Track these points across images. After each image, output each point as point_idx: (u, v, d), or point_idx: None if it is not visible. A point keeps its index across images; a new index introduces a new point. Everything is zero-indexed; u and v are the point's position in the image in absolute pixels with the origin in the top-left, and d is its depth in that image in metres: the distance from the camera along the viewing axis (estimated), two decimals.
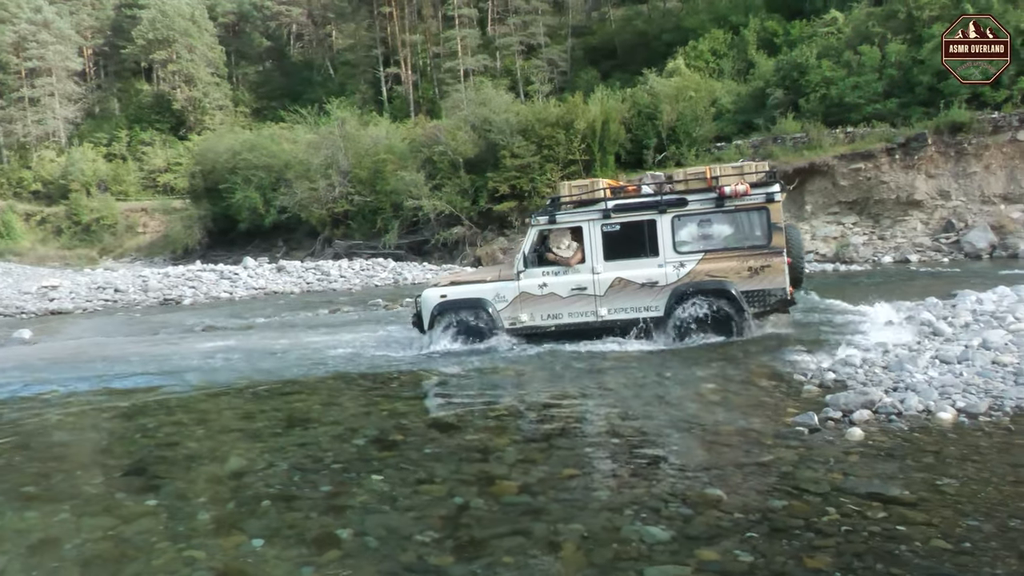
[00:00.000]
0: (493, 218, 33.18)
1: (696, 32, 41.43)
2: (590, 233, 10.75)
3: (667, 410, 7.34)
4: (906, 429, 6.20)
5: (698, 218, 10.54)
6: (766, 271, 10.35)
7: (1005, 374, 7.47)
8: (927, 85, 28.88)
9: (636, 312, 10.67)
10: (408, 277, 26.98)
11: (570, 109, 32.74)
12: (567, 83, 47.21)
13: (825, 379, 8.01)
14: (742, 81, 36.05)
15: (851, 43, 32.22)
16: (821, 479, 5.21)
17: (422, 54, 54.90)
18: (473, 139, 33.81)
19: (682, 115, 32.44)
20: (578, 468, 5.77)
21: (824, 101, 30.86)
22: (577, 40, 51.92)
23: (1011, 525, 4.38)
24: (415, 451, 6.44)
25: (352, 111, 41.74)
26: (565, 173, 32.10)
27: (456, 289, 11.30)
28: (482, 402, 8.16)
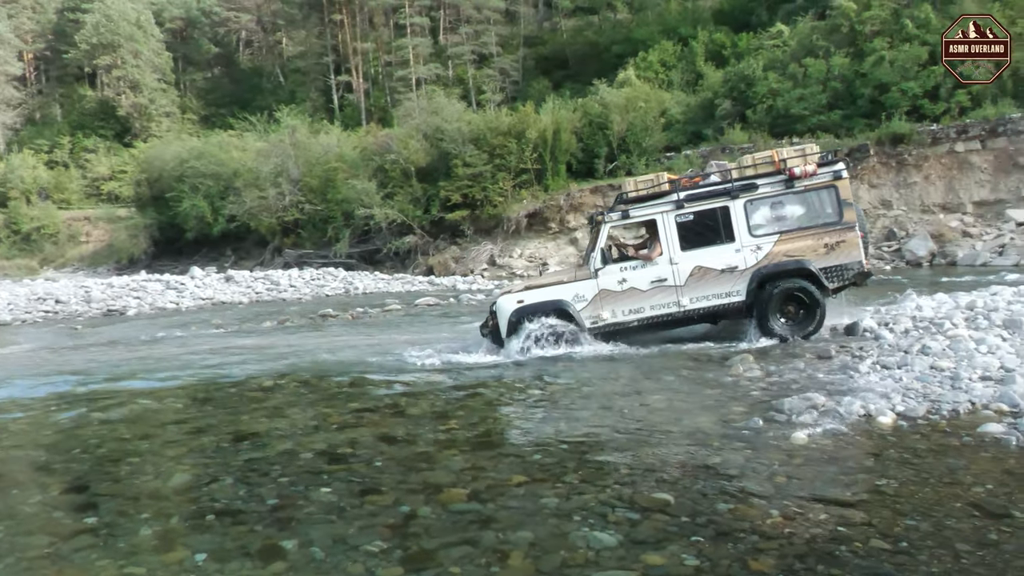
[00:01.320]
0: (445, 227, 33.16)
1: (646, 43, 42.00)
2: (665, 224, 10.79)
3: (615, 416, 7.39)
4: (848, 432, 6.33)
5: (770, 201, 10.67)
6: (841, 246, 10.53)
7: (942, 379, 7.68)
8: (869, 97, 29.67)
9: (718, 299, 10.70)
10: (359, 287, 26.77)
11: (522, 118, 32.91)
12: (519, 92, 47.46)
13: (771, 384, 8.15)
14: (691, 92, 36.64)
15: (796, 56, 32.95)
16: (765, 482, 5.29)
17: (374, 62, 54.68)
18: (425, 148, 33.78)
19: (632, 125, 32.82)
20: (527, 475, 5.77)
21: (770, 112, 31.50)
22: (529, 50, 52.23)
23: (946, 524, 4.49)
24: (363, 463, 6.38)
25: (303, 119, 41.41)
26: (517, 182, 32.26)
27: (533, 293, 11.08)
28: (432, 413, 8.12)
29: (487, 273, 30.78)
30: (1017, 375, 7.38)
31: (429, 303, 20.32)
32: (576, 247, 31.78)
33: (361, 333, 15.18)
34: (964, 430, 6.22)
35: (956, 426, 6.37)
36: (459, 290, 23.85)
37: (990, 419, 6.40)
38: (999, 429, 6.10)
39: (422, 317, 17.71)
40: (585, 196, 32.14)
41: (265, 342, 14.43)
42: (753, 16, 42.31)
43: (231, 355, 12.96)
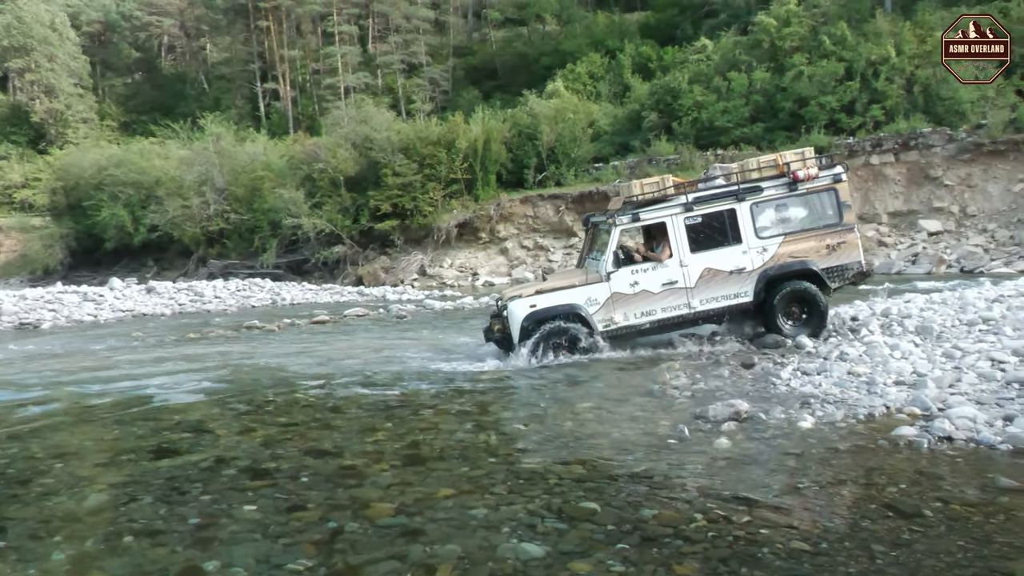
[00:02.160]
0: (375, 237, 32.87)
1: (574, 55, 42.45)
2: (674, 227, 10.87)
3: (545, 426, 7.42)
4: (769, 437, 6.49)
5: (774, 203, 10.90)
6: (842, 247, 10.87)
7: (859, 384, 7.94)
8: (789, 111, 30.56)
9: (727, 300, 10.86)
10: (287, 297, 26.30)
11: (452, 128, 32.89)
12: (449, 102, 47.43)
13: (696, 392, 8.30)
14: (618, 104, 37.15)
15: (720, 70, 33.73)
16: (690, 487, 5.39)
17: (301, 70, 53.98)
18: (354, 157, 33.44)
19: (561, 136, 33.10)
20: (455, 488, 5.75)
21: (695, 124, 32.16)
22: (458, 60, 52.28)
23: (863, 525, 4.64)
24: (289, 479, 6.26)
25: (228, 126, 40.53)
26: (447, 192, 32.21)
27: (546, 297, 10.93)
28: (360, 426, 8.03)
29: (417, 283, 30.62)
30: (929, 380, 7.68)
31: (359, 314, 20.10)
32: (506, 257, 31.88)
33: (289, 344, 14.93)
34: (879, 433, 6.43)
35: (872, 429, 6.59)
36: (389, 300, 23.66)
37: (904, 422, 6.64)
38: (912, 432, 6.33)
39: (352, 327, 17.51)
40: (515, 206, 32.27)
41: (188, 353, 14.06)
42: (678, 30, 43.20)
43: (150, 367, 12.58)
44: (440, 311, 19.97)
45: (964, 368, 8.11)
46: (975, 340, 9.33)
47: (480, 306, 20.49)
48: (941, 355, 8.78)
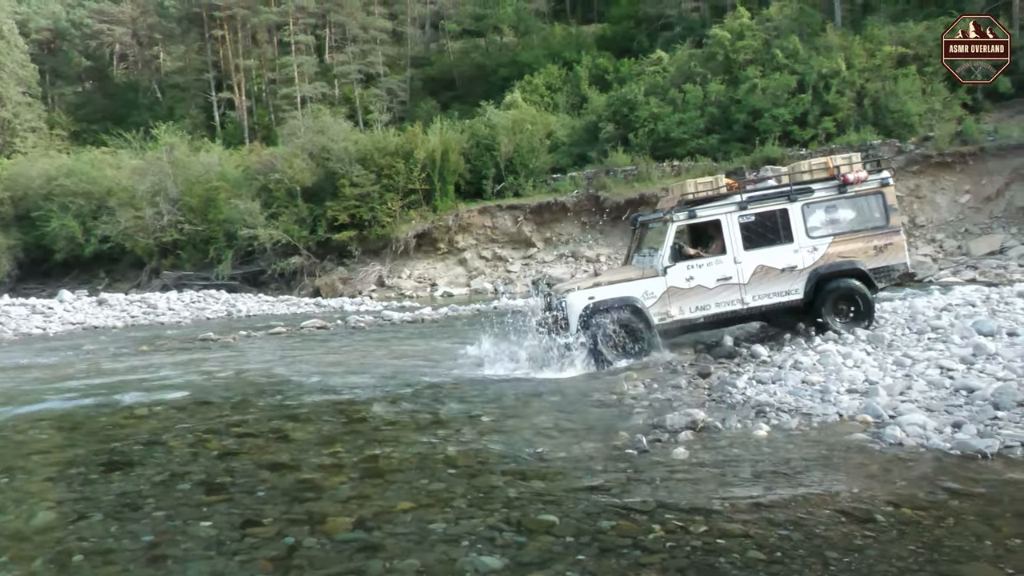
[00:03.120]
0: (332, 248, 32.64)
1: (532, 67, 42.66)
2: (729, 225, 11.07)
3: (504, 439, 7.41)
4: (726, 446, 6.56)
5: (824, 204, 11.17)
6: (889, 248, 11.18)
7: (813, 392, 8.07)
8: (743, 123, 31.04)
9: (779, 297, 11.06)
10: (243, 309, 25.96)
11: (410, 139, 32.84)
12: (407, 113, 47.33)
13: (653, 402, 8.36)
14: (576, 115, 37.41)
15: (675, 82, 34.15)
16: (648, 498, 5.42)
17: (257, 80, 53.46)
18: (311, 167, 33.20)
19: (519, 147, 33.23)
20: (414, 501, 5.71)
21: (652, 136, 32.52)
22: (416, 70, 52.21)
23: (816, 532, 4.70)
24: (245, 493, 6.17)
25: (182, 136, 39.94)
26: (405, 202, 32.13)
27: (604, 290, 11.00)
28: (318, 438, 7.94)
29: (375, 294, 30.44)
30: (880, 388, 7.83)
31: (316, 325, 19.91)
32: (465, 267, 31.84)
33: (245, 356, 14.72)
34: (833, 440, 6.54)
35: (826, 437, 6.70)
36: (347, 312, 23.46)
37: (856, 429, 6.76)
38: (864, 439, 6.45)
39: (309, 339, 17.33)
40: (474, 217, 32.29)
41: (140, 365, 13.80)
42: (634, 42, 43.64)
43: (102, 380, 12.32)
44: (399, 322, 19.87)
45: (914, 376, 8.29)
46: (925, 348, 9.55)
47: (439, 316, 20.43)
48: (892, 363, 8.97)
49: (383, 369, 12.09)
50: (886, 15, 34.72)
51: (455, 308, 22.09)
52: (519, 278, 30.25)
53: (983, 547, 4.40)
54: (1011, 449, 5.96)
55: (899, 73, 30.58)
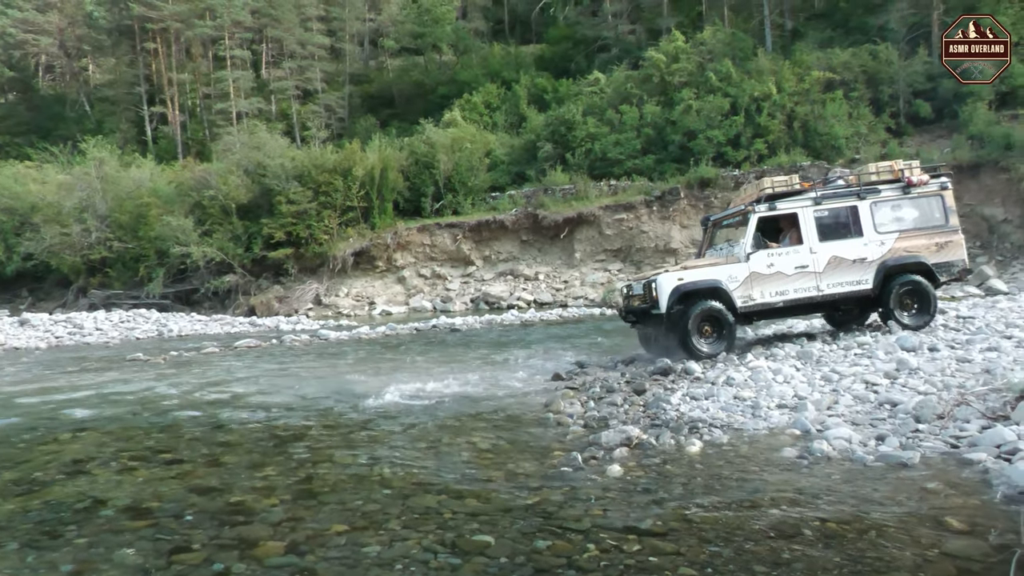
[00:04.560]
0: (268, 266, 32.15)
1: (471, 86, 42.88)
2: (805, 218, 11.93)
3: (439, 459, 7.37)
4: (660, 463, 6.64)
5: (890, 203, 12.09)
6: (949, 246, 12.12)
7: (744, 408, 8.23)
8: (679, 143, 31.65)
9: (850, 286, 11.88)
10: (174, 329, 25.36)
11: (348, 156, 32.63)
12: (345, 130, 47.06)
13: (590, 419, 8.41)
14: (514, 134, 37.68)
15: (612, 103, 34.69)
16: (582, 517, 5.44)
17: (191, 94, 52.54)
18: (247, 184, 32.72)
19: (458, 165, 33.31)
20: (348, 523, 5.63)
21: (589, 155, 32.93)
22: (355, 87, 51.97)
23: (746, 547, 4.78)
24: (172, 518, 6.00)
25: (112, 151, 38.96)
26: (343, 220, 31.87)
27: (691, 273, 11.65)
28: (249, 460, 7.78)
29: (312, 313, 30.06)
30: (808, 402, 8.03)
31: (250, 345, 19.56)
32: (404, 285, 31.66)
33: (175, 377, 14.37)
34: (763, 455, 6.67)
35: (756, 451, 6.83)
36: (282, 331, 23.12)
37: (785, 444, 6.91)
38: (793, 453, 6.60)
39: (243, 359, 17.01)
40: (412, 234, 32.19)
41: (63, 386, 13.35)
42: (572, 63, 44.22)
43: (21, 402, 11.87)
44: (336, 341, 19.64)
45: (841, 391, 8.52)
46: (851, 364, 9.83)
47: (377, 336, 20.27)
48: (820, 378, 9.20)
49: (318, 389, 11.93)
50: (814, 41, 35.87)
51: (393, 327, 21.95)
52: (458, 296, 30.22)
53: (904, 558, 4.53)
54: (931, 460, 6.16)
55: (827, 97, 31.62)
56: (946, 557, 4.49)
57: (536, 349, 15.63)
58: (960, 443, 6.43)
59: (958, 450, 6.26)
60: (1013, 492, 5.24)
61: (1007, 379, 7.88)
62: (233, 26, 50.29)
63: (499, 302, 28.96)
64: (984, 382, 8.11)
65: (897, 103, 32.61)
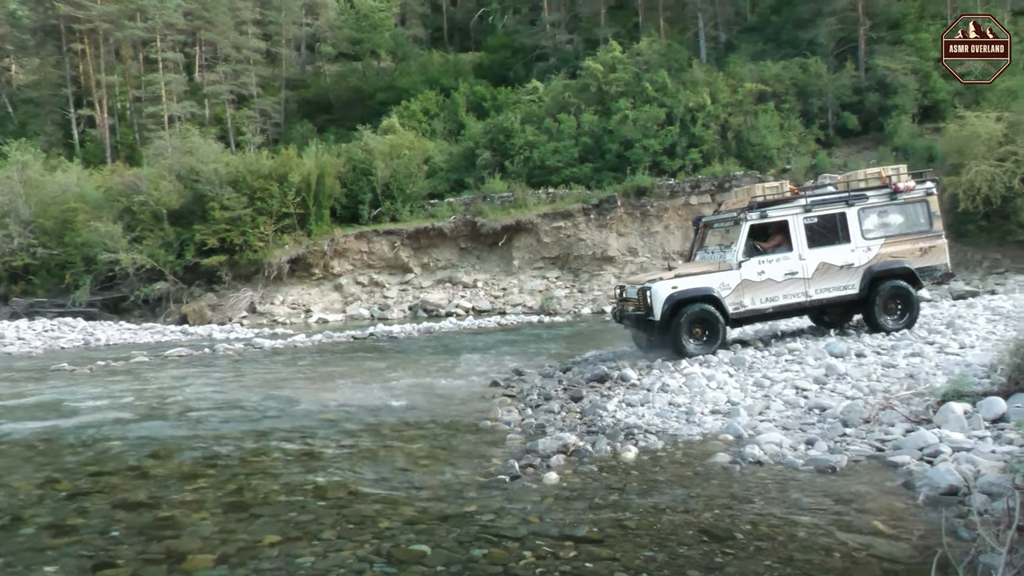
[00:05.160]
0: (201, 273, 31.40)
1: (409, 92, 42.66)
2: (795, 225, 12.18)
3: (375, 468, 7.30)
4: (596, 470, 6.68)
5: (877, 210, 12.43)
6: (932, 251, 12.52)
7: (679, 414, 8.34)
8: (616, 152, 32.00)
9: (838, 291, 12.22)
10: (102, 338, 24.58)
11: (284, 162, 32.10)
12: (281, 135, 46.37)
13: (528, 427, 8.43)
14: (453, 141, 37.61)
15: (550, 111, 34.89)
16: (519, 524, 5.44)
17: (120, 97, 51.14)
18: (179, 189, 31.93)
19: (397, 172, 33.09)
20: (281, 534, 5.54)
21: (528, 163, 33.05)
22: (291, 92, 51.25)
23: (680, 552, 4.84)
24: (97, 534, 5.82)
25: (35, 154, 37.64)
26: (279, 227, 31.37)
27: (685, 280, 11.95)
28: (180, 473, 7.59)
29: (247, 321, 29.50)
30: (741, 408, 8.18)
31: (181, 354, 19.09)
32: (341, 293, 31.32)
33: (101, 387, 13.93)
34: (697, 460, 6.78)
35: (690, 457, 6.93)
36: (216, 339, 22.62)
37: (718, 449, 7.03)
38: (726, 458, 6.71)
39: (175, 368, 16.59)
40: (350, 242, 31.87)
41: None
42: (511, 72, 44.37)
43: None
44: (271, 350, 19.31)
45: (772, 396, 8.71)
46: (782, 370, 10.06)
47: (313, 344, 19.99)
48: (752, 384, 9.39)
49: (252, 398, 11.70)
50: (747, 54, 36.68)
51: (330, 335, 21.67)
52: (396, 304, 30.03)
53: (832, 561, 4.64)
54: (858, 463, 6.33)
55: (759, 109, 32.34)
56: (872, 559, 4.62)
57: (474, 357, 15.60)
58: (885, 446, 6.62)
59: (883, 453, 6.45)
60: (934, 494, 5.42)
61: (929, 384, 8.16)
62: (165, 28, 49.13)
63: (437, 310, 28.83)
64: (908, 387, 8.38)
65: (826, 115, 33.51)
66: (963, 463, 5.75)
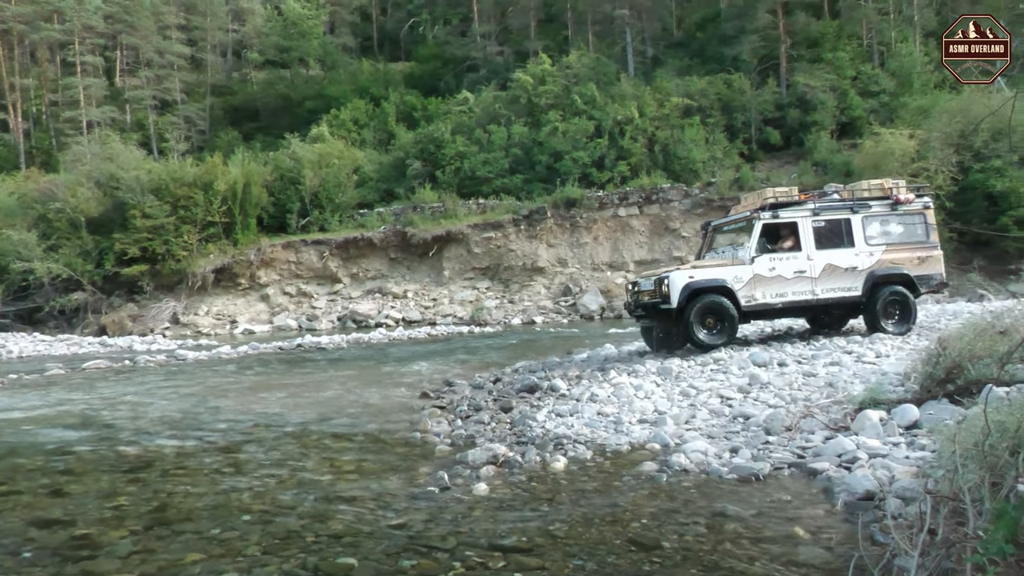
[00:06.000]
0: (121, 283, 30.52)
1: (339, 101, 42.32)
2: (804, 227, 12.99)
3: (302, 482, 7.18)
4: (525, 480, 6.70)
5: (880, 218, 13.29)
6: (929, 260, 13.39)
7: (607, 423, 8.43)
8: (546, 164, 32.29)
9: (842, 292, 13.01)
10: (14, 350, 23.63)
11: (209, 169, 31.49)
12: (206, 142, 45.41)
13: (457, 438, 8.41)
14: (383, 151, 37.43)
15: (481, 122, 35.04)
16: (448, 535, 5.42)
17: (36, 101, 49.42)
18: (98, 197, 31.00)
19: (326, 181, 32.77)
20: (204, 552, 5.39)
21: (458, 174, 33.12)
22: (217, 99, 50.26)
23: (608, 561, 4.88)
24: (8, 555, 5.57)
25: None
26: (204, 236, 30.71)
27: (701, 272, 12.63)
28: (98, 490, 7.33)
29: (169, 333, 28.73)
30: (668, 417, 8.31)
31: (100, 366, 18.48)
32: (268, 303, 30.78)
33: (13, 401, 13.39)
34: (625, 470, 6.84)
35: (619, 466, 7.00)
36: (136, 351, 21.97)
37: (646, 458, 7.11)
38: (653, 467, 6.80)
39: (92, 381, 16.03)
40: (277, 251, 31.37)
41: None
42: (441, 82, 44.42)
43: None
44: (194, 362, 18.83)
45: (698, 405, 8.88)
46: (708, 379, 10.26)
47: (239, 355, 19.58)
48: (679, 393, 9.56)
49: (174, 412, 11.39)
50: (673, 69, 37.47)
51: (256, 346, 21.27)
52: (324, 314, 29.64)
53: (754, 568, 4.74)
54: (780, 471, 6.49)
55: (685, 123, 33.05)
56: (793, 566, 4.73)
57: (404, 368, 15.50)
58: (806, 454, 6.80)
59: (804, 460, 6.62)
60: (852, 499, 5.59)
61: (847, 392, 8.43)
62: (84, 31, 47.69)
63: (367, 320, 28.57)
64: (827, 395, 8.64)
65: (749, 130, 34.46)
66: (879, 469, 5.95)
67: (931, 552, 3.75)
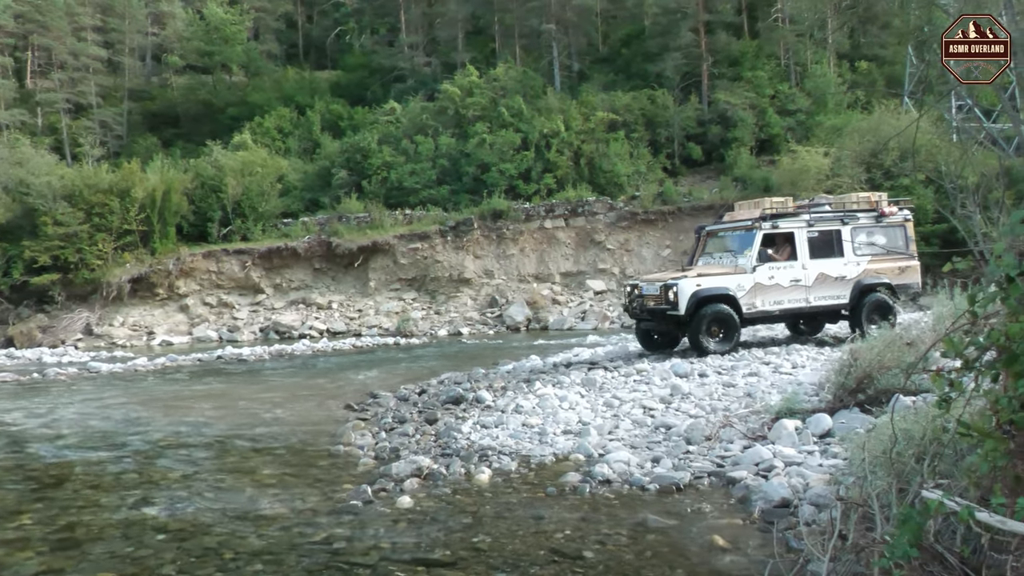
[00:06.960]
0: (30, 292, 29.26)
1: (263, 108, 41.52)
2: (800, 237, 13.58)
3: (220, 498, 7.01)
4: (450, 492, 6.68)
5: (866, 230, 14.00)
6: (908, 270, 14.19)
7: (532, 435, 8.47)
8: (473, 175, 32.33)
9: (832, 300, 13.66)
10: None
11: (126, 176, 30.47)
12: (123, 148, 43.97)
13: (381, 451, 8.33)
14: (308, 160, 36.89)
15: (408, 133, 34.87)
16: (371, 550, 5.36)
17: None
18: (6, 203, 29.69)
19: (248, 189, 32.10)
20: (116, 572, 5.22)
21: (385, 184, 32.87)
22: (135, 104, 48.76)
23: (531, 572, 4.90)
24: None
25: None
26: (120, 244, 29.74)
27: (706, 280, 13.00)
28: (0, 510, 7.01)
29: (82, 344, 27.68)
30: (591, 428, 8.40)
31: (6, 379, 17.69)
32: (187, 314, 29.96)
33: None
34: (549, 481, 6.88)
35: (543, 478, 7.04)
36: (46, 363, 21.12)
37: (569, 469, 7.17)
38: (577, 478, 6.85)
39: None
40: (197, 261, 30.57)
41: None
42: (368, 92, 44.03)
43: None
44: (108, 374, 18.20)
45: (621, 416, 8.99)
46: (631, 390, 10.41)
47: (155, 368, 19.00)
48: (603, 404, 9.67)
49: (85, 426, 10.99)
50: (598, 84, 37.97)
51: (174, 358, 20.67)
52: (246, 325, 29.02)
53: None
54: (700, 480, 6.62)
55: (610, 137, 33.51)
56: (714, 574, 4.83)
57: (328, 380, 15.29)
58: (725, 463, 6.96)
59: (723, 469, 6.77)
60: (768, 507, 5.74)
61: (765, 402, 8.67)
62: None
63: (290, 331, 28.06)
64: (746, 405, 8.87)
65: (672, 145, 35.11)
66: (794, 477, 6.12)
67: (842, 557, 3.87)
